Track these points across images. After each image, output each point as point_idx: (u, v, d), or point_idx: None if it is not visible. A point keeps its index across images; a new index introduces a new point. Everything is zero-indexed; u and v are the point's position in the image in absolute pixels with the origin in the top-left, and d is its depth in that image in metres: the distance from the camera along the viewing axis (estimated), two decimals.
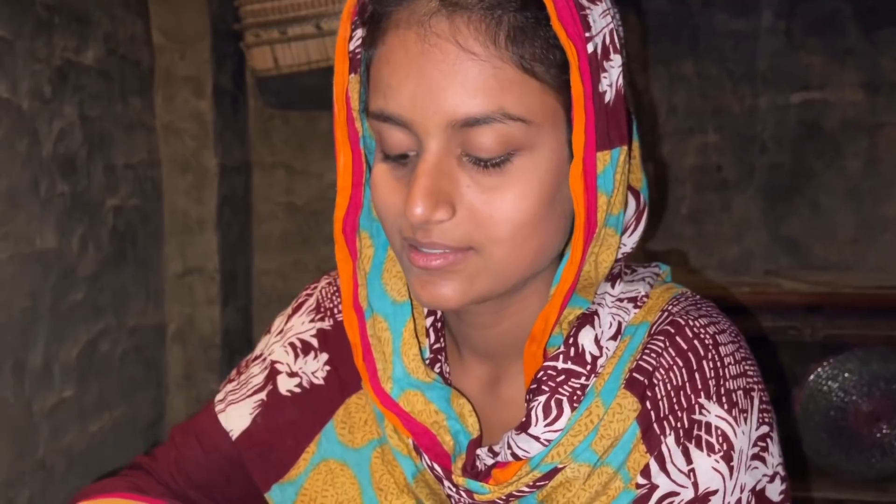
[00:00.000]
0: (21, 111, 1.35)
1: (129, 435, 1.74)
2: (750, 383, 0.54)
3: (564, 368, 0.53)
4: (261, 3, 1.89)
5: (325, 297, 0.66)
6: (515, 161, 0.49)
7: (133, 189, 1.75)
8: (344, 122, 0.54)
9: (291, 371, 0.63)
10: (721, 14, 1.98)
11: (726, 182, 2.03)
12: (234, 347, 2.03)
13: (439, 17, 0.48)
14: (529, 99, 0.48)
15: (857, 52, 1.94)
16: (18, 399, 1.35)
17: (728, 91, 2.00)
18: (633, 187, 0.56)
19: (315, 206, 2.14)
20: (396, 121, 0.49)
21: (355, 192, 0.56)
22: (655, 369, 0.53)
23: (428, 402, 0.56)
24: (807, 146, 1.98)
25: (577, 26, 0.48)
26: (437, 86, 0.47)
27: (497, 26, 0.47)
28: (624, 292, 0.56)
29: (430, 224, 0.49)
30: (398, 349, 0.57)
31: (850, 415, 1.54)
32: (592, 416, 0.53)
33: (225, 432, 0.62)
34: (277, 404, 0.62)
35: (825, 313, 1.54)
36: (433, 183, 0.49)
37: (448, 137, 0.49)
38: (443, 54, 0.47)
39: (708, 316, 0.55)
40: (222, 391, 0.65)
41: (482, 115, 0.47)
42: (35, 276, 1.40)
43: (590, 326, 0.54)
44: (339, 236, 0.57)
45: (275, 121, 2.12)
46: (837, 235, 1.97)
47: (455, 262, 0.51)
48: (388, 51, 0.50)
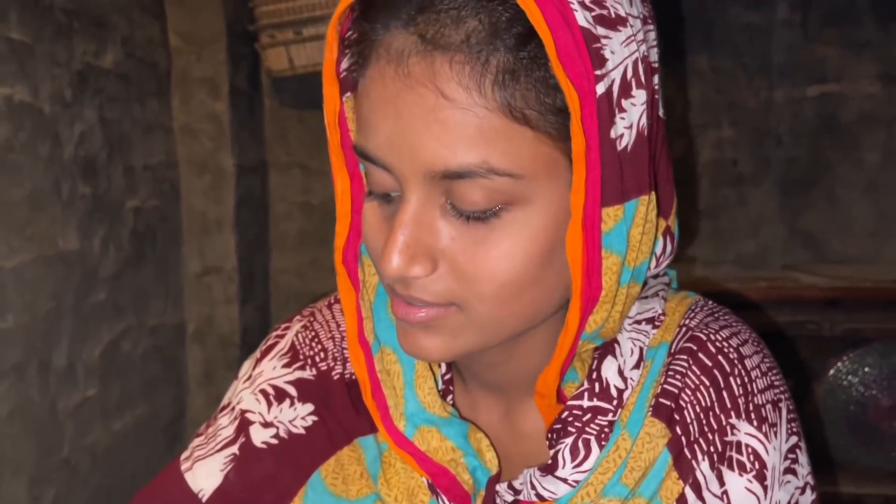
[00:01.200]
0: (42, 115, 1.37)
1: (150, 433, 1.77)
2: (777, 394, 0.52)
3: (590, 406, 0.50)
4: (275, 4, 1.90)
5: (303, 344, 0.59)
6: (504, 216, 0.44)
7: (152, 190, 1.77)
8: (338, 147, 0.50)
9: (266, 421, 0.57)
10: (735, 7, 1.97)
11: (742, 176, 2.02)
12: (252, 346, 2.04)
13: (418, 58, 0.42)
14: (519, 151, 0.42)
15: (874, 44, 1.92)
16: (44, 398, 1.37)
17: (743, 85, 2.00)
18: (671, 230, 0.52)
19: (331, 205, 2.12)
20: (376, 162, 0.45)
21: (355, 219, 0.51)
22: (681, 391, 0.51)
23: (444, 439, 0.52)
24: (823, 139, 1.97)
25: (585, 64, 0.41)
26: (415, 132, 0.42)
27: (483, 69, 0.41)
28: (640, 313, 0.53)
29: (407, 279, 0.45)
30: (411, 382, 0.53)
31: (871, 409, 1.53)
32: (620, 450, 0.50)
33: (193, 494, 0.56)
34: (252, 457, 0.56)
35: (844, 307, 1.54)
36: (411, 236, 0.44)
37: (429, 187, 0.44)
38: (420, 99, 0.42)
39: (728, 326, 0.53)
40: (189, 448, 0.59)
41: (462, 170, 0.42)
42: (58, 277, 1.42)
43: (611, 357, 0.51)
44: (340, 267, 0.52)
45: (290, 121, 2.14)
46: (855, 229, 1.96)
47: (437, 317, 0.46)
48: (369, 84, 0.45)
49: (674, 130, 2.03)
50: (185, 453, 0.59)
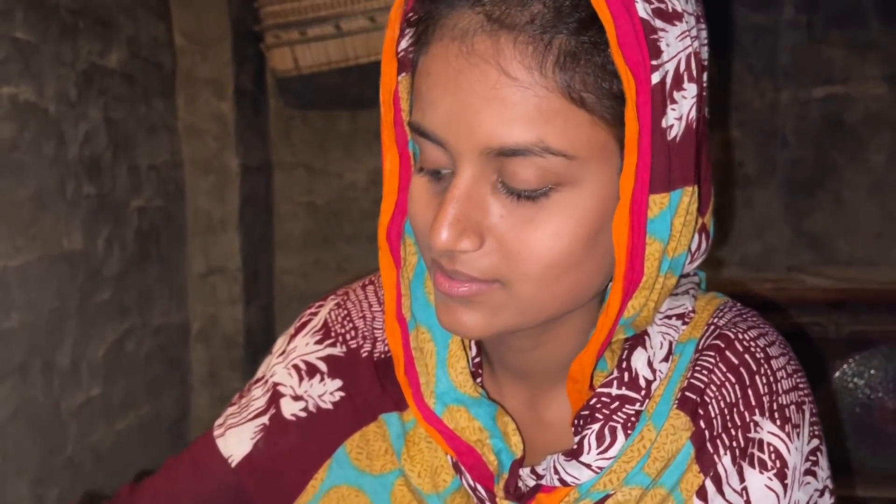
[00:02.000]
0: (47, 114, 1.37)
1: (154, 433, 1.77)
2: (801, 396, 0.53)
3: (619, 395, 0.51)
4: (280, 5, 1.90)
5: (335, 322, 0.61)
6: (554, 196, 0.45)
7: (156, 190, 1.77)
8: (391, 125, 0.51)
9: (296, 394, 0.59)
10: (741, 8, 1.97)
11: (748, 177, 2.01)
12: (256, 346, 2.05)
13: (483, 35, 0.43)
14: (575, 132, 0.44)
15: (880, 45, 1.92)
16: (47, 398, 1.37)
17: (749, 86, 1.99)
18: (707, 228, 0.53)
19: (335, 205, 2.15)
20: (431, 138, 0.46)
21: (401, 197, 0.52)
22: (707, 386, 0.51)
23: (472, 419, 0.53)
24: (829, 141, 1.97)
25: (643, 52, 0.43)
26: (474, 109, 0.44)
27: (546, 50, 0.43)
28: (671, 308, 0.53)
29: (454, 253, 0.46)
30: (443, 361, 0.54)
31: (876, 411, 1.53)
32: (644, 440, 0.51)
33: (223, 459, 0.58)
34: (281, 429, 0.59)
35: (850, 309, 1.53)
36: (461, 210, 0.45)
37: (482, 164, 0.45)
38: (482, 76, 0.43)
39: (756, 327, 0.54)
40: (223, 415, 0.62)
41: (519, 147, 0.43)
42: (62, 276, 1.42)
43: (641, 349, 0.51)
44: (384, 243, 0.53)
45: (295, 121, 2.14)
46: (861, 230, 1.95)
47: (479, 293, 0.47)
48: (431, 61, 0.46)
49: None
50: (218, 420, 0.61)
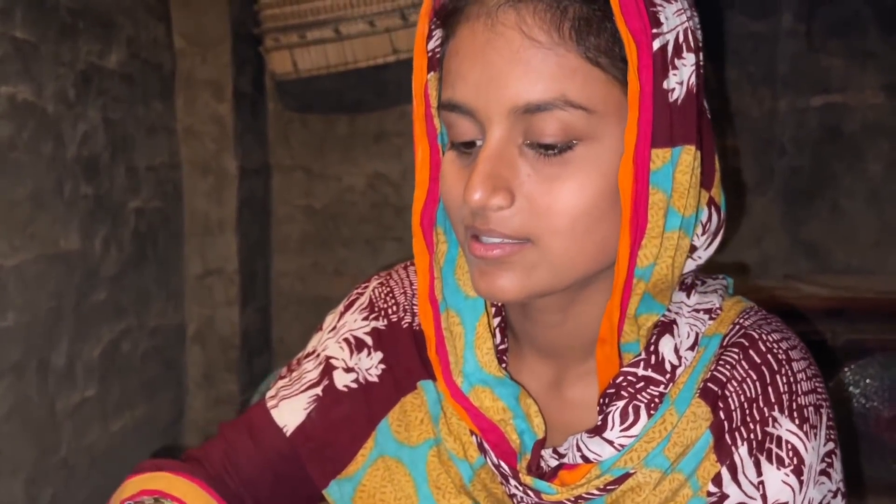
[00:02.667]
0: (46, 114, 1.37)
1: (149, 434, 1.76)
2: (819, 400, 0.54)
3: (644, 375, 0.53)
4: (280, 8, 1.90)
5: (379, 298, 0.66)
6: (577, 150, 0.49)
7: (154, 191, 1.77)
8: (422, 117, 0.56)
9: (348, 366, 0.63)
10: (741, 16, 1.97)
11: (746, 185, 2.02)
12: (252, 348, 2.05)
13: (506, 8, 0.49)
14: (592, 89, 0.49)
15: (878, 55, 1.92)
16: (42, 398, 1.37)
17: (747, 94, 1.99)
18: (716, 202, 0.56)
19: (333, 208, 2.15)
20: (462, 109, 0.51)
21: (433, 187, 0.57)
22: (729, 380, 0.54)
23: (496, 399, 0.56)
24: (827, 149, 1.97)
25: (644, 21, 0.48)
26: (501, 73, 0.49)
27: (562, 16, 0.48)
28: (699, 303, 0.56)
29: (488, 210, 0.50)
30: (471, 343, 0.57)
31: (872, 420, 1.53)
32: (666, 423, 0.54)
33: (278, 428, 0.62)
34: (334, 399, 0.62)
35: (846, 318, 1.53)
36: (493, 169, 0.49)
37: (510, 125, 0.50)
38: (507, 42, 0.49)
39: (780, 331, 0.56)
40: (274, 388, 0.65)
41: (543, 102, 0.48)
42: (59, 276, 1.42)
43: (669, 335, 0.54)
44: (417, 229, 0.57)
45: (294, 124, 2.14)
46: (858, 239, 1.96)
47: (512, 253, 0.51)
48: (459, 42, 0.52)
49: None
50: (270, 391, 0.64)
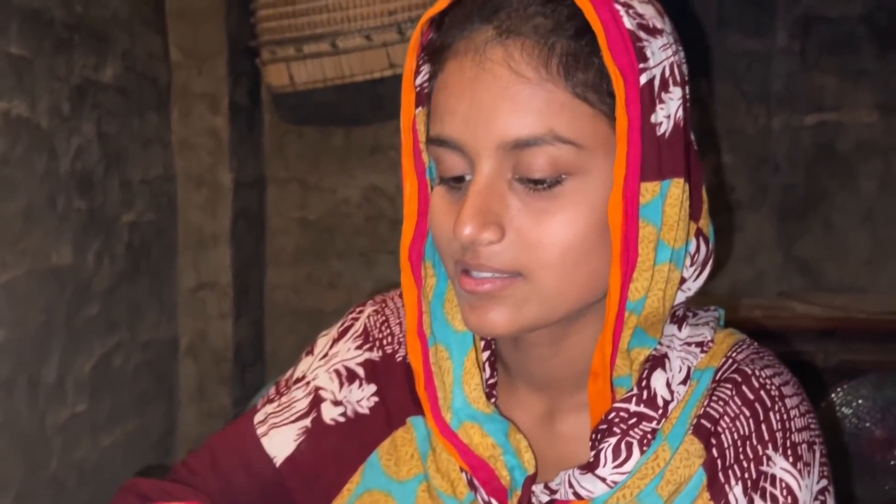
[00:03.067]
0: (40, 129, 1.37)
1: (140, 448, 1.75)
2: (813, 436, 0.54)
3: (637, 412, 0.53)
4: (277, 21, 1.91)
5: (374, 327, 0.65)
6: (566, 185, 0.50)
7: (148, 204, 1.77)
8: (411, 152, 0.56)
9: (336, 399, 0.62)
10: (735, 34, 1.98)
11: (739, 202, 2.02)
12: (245, 361, 2.04)
13: (494, 44, 0.50)
14: (581, 123, 0.49)
15: (872, 74, 1.93)
16: (32, 414, 1.36)
17: (742, 111, 2.00)
18: (704, 233, 0.56)
19: (328, 220, 2.15)
20: (451, 143, 0.51)
21: (421, 221, 0.57)
22: (722, 417, 0.54)
23: (485, 435, 0.56)
24: (821, 167, 1.98)
25: (631, 56, 0.48)
26: (489, 108, 0.49)
27: (549, 52, 0.49)
28: (691, 336, 0.56)
29: (478, 245, 0.50)
30: (459, 379, 0.57)
31: (864, 441, 1.53)
32: (659, 459, 0.53)
33: (268, 458, 0.61)
34: (322, 433, 0.62)
35: (839, 338, 1.54)
36: (483, 203, 0.50)
37: (499, 159, 0.50)
38: (495, 78, 0.49)
39: (772, 366, 0.56)
40: (262, 411, 0.64)
41: (532, 137, 0.49)
42: (51, 291, 1.41)
43: (661, 370, 0.54)
44: (406, 264, 0.57)
45: (289, 136, 2.14)
46: (851, 257, 1.96)
47: (503, 287, 0.51)
48: (447, 77, 0.52)
49: None
50: (258, 416, 0.64)
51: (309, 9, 1.88)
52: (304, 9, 1.88)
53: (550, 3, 0.50)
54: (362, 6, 1.86)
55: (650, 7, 0.52)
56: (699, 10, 1.99)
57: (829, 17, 1.95)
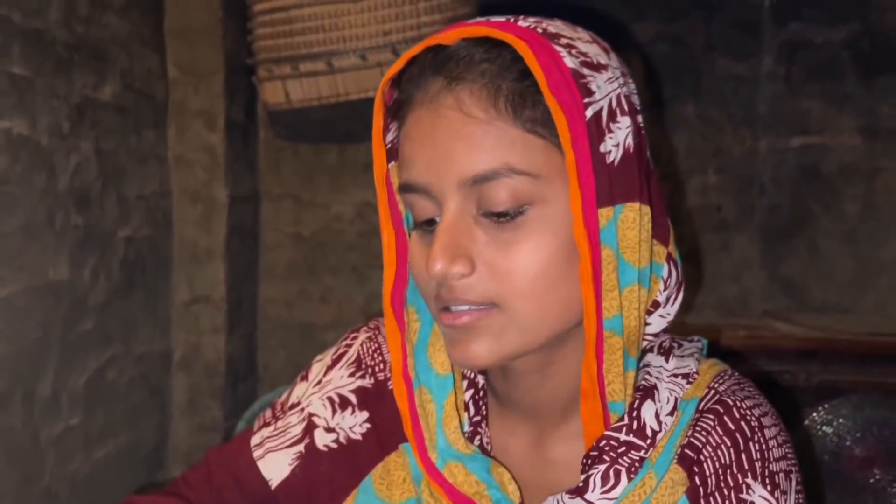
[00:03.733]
0: (39, 147, 1.40)
1: (131, 461, 1.77)
2: (790, 465, 0.57)
3: (626, 441, 0.55)
4: (274, 40, 1.94)
5: (367, 354, 0.67)
6: (528, 214, 0.52)
7: (144, 220, 1.79)
8: (386, 203, 0.60)
9: (328, 426, 0.65)
10: (722, 58, 2.03)
11: (726, 222, 2.06)
12: (238, 375, 2.06)
13: (445, 93, 0.54)
14: (534, 156, 0.52)
15: (856, 99, 1.98)
16: (27, 428, 1.38)
17: (728, 133, 2.04)
18: (673, 257, 0.59)
19: (321, 236, 2.18)
20: (417, 188, 0.55)
21: (401, 268, 0.60)
22: (704, 446, 0.56)
23: (469, 473, 0.58)
24: (805, 189, 2.02)
25: (574, 93, 0.52)
26: (447, 150, 0.53)
27: (496, 93, 0.52)
28: (677, 368, 0.59)
29: (450, 279, 0.53)
30: (441, 421, 0.59)
31: (844, 460, 1.56)
32: (645, 486, 0.55)
33: (264, 480, 0.64)
34: (315, 458, 0.64)
35: (820, 359, 1.57)
36: (451, 239, 0.53)
37: (463, 197, 0.53)
38: (449, 122, 0.53)
39: (752, 397, 0.59)
40: (258, 434, 0.67)
41: (489, 171, 0.52)
42: (47, 307, 1.43)
43: (651, 401, 0.56)
44: (388, 309, 0.60)
45: (285, 152, 2.17)
46: (835, 277, 2.00)
47: (480, 318, 0.53)
48: (409, 129, 0.56)
49: (660, 175, 2.07)
50: (254, 438, 0.66)
51: (305, 28, 1.91)
52: (301, 28, 1.91)
53: (494, 50, 0.53)
54: (358, 27, 1.89)
55: (594, 46, 0.55)
56: (688, 35, 2.03)
57: (813, 42, 1.99)
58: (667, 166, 2.07)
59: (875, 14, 1.96)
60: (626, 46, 2.05)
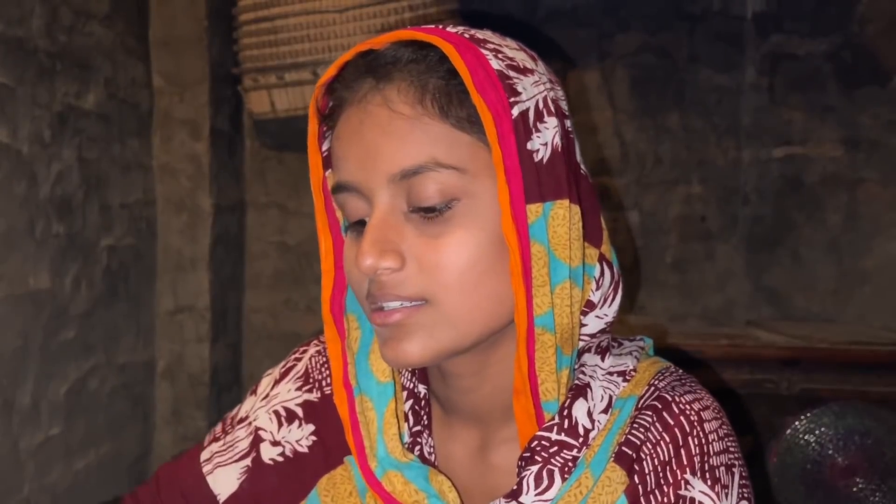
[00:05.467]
0: (20, 155, 1.39)
1: (113, 472, 1.76)
2: (731, 459, 0.56)
3: (557, 440, 0.55)
4: (259, 49, 1.94)
5: (314, 368, 0.67)
6: (456, 209, 0.53)
7: (128, 228, 1.78)
8: (323, 211, 0.60)
9: (274, 440, 0.65)
10: (706, 69, 2.04)
11: (710, 232, 2.07)
12: (222, 384, 2.05)
13: (373, 92, 0.54)
14: (461, 151, 0.53)
15: (838, 109, 2.00)
16: (6, 437, 1.37)
17: (712, 144, 2.06)
18: (607, 258, 0.58)
19: (307, 245, 2.17)
20: (348, 187, 0.55)
21: (339, 275, 0.60)
22: (643, 444, 0.55)
23: (407, 483, 0.58)
24: (788, 199, 2.03)
25: (500, 93, 0.52)
26: (375, 146, 0.53)
27: (423, 91, 0.53)
28: (613, 366, 0.58)
29: (381, 275, 0.53)
30: (381, 429, 0.59)
31: (826, 468, 1.56)
32: (582, 486, 0.55)
33: (213, 494, 0.65)
34: (261, 472, 0.64)
35: (802, 368, 1.57)
36: (380, 234, 0.53)
37: (392, 193, 0.53)
38: (377, 120, 0.53)
39: (692, 392, 0.58)
40: (207, 449, 0.67)
41: (416, 166, 0.52)
42: (27, 315, 1.42)
43: (583, 399, 0.56)
44: (328, 317, 0.60)
45: (270, 161, 2.17)
46: (818, 287, 2.01)
47: (411, 315, 0.53)
48: (339, 131, 0.56)
49: (644, 185, 2.09)
50: (204, 453, 0.67)
51: (291, 38, 1.92)
52: (286, 38, 1.92)
53: (422, 51, 0.54)
54: (343, 36, 1.90)
55: (521, 52, 0.57)
56: (671, 47, 2.05)
57: (796, 54, 2.01)
58: (651, 176, 2.08)
59: (856, 26, 1.98)
60: (612, 55, 2.06)
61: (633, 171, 2.08)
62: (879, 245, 1.99)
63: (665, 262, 2.08)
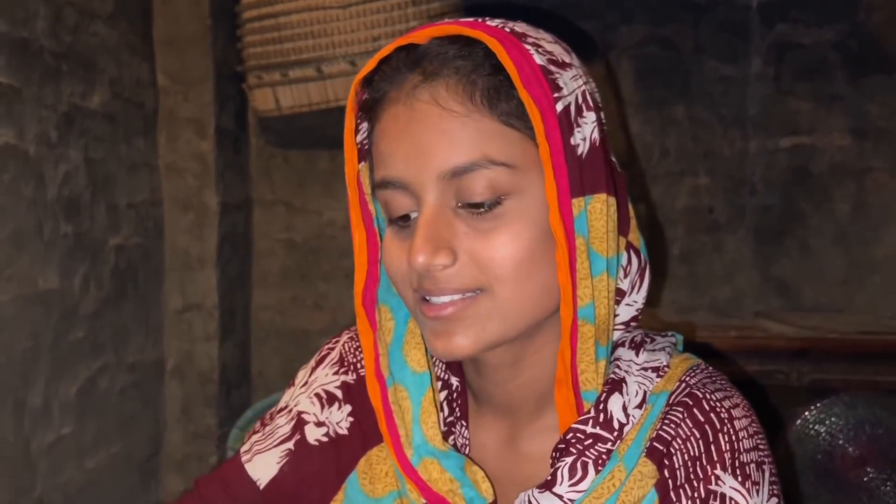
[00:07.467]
0: (27, 156, 1.40)
1: (125, 470, 1.76)
2: (761, 456, 0.57)
3: (592, 433, 0.56)
4: (263, 47, 1.94)
5: (349, 352, 0.68)
6: (506, 204, 0.53)
7: (135, 228, 1.79)
8: (357, 204, 0.60)
9: (319, 420, 0.65)
10: (712, 60, 2.03)
11: (717, 223, 2.06)
12: (231, 382, 2.06)
13: (421, 88, 0.54)
14: (511, 147, 0.53)
15: (845, 98, 1.99)
16: (18, 437, 1.38)
17: (719, 135, 2.05)
18: (634, 246, 0.60)
19: (314, 242, 2.18)
20: (395, 184, 0.55)
21: (372, 269, 0.61)
22: (673, 439, 0.56)
23: (443, 471, 0.58)
24: (796, 189, 2.02)
25: (544, 88, 0.53)
26: (425, 144, 0.53)
27: (472, 87, 0.53)
28: (648, 361, 0.59)
29: (433, 270, 0.53)
30: (417, 417, 0.60)
31: (837, 458, 1.56)
32: (615, 479, 0.56)
33: (252, 481, 0.64)
34: (305, 454, 0.64)
35: (811, 358, 1.57)
36: (432, 231, 0.53)
37: (442, 190, 0.54)
38: (427, 117, 0.54)
39: (723, 390, 0.59)
40: (248, 442, 0.67)
41: (467, 164, 0.53)
42: (37, 316, 1.43)
43: (618, 394, 0.57)
44: (360, 309, 0.61)
45: (276, 159, 2.17)
46: (827, 277, 2.01)
47: (466, 307, 0.54)
48: (384, 126, 0.56)
49: (651, 177, 2.08)
50: (244, 446, 0.67)
51: (294, 35, 1.92)
52: (290, 35, 1.92)
53: (467, 48, 0.55)
54: (346, 33, 1.90)
55: (557, 46, 0.57)
56: (677, 38, 2.04)
57: (802, 43, 2.00)
58: (657, 168, 2.07)
59: (862, 14, 1.97)
60: (617, 46, 2.05)
61: (639, 164, 2.07)
62: (888, 234, 1.98)
63: (673, 254, 2.07)
